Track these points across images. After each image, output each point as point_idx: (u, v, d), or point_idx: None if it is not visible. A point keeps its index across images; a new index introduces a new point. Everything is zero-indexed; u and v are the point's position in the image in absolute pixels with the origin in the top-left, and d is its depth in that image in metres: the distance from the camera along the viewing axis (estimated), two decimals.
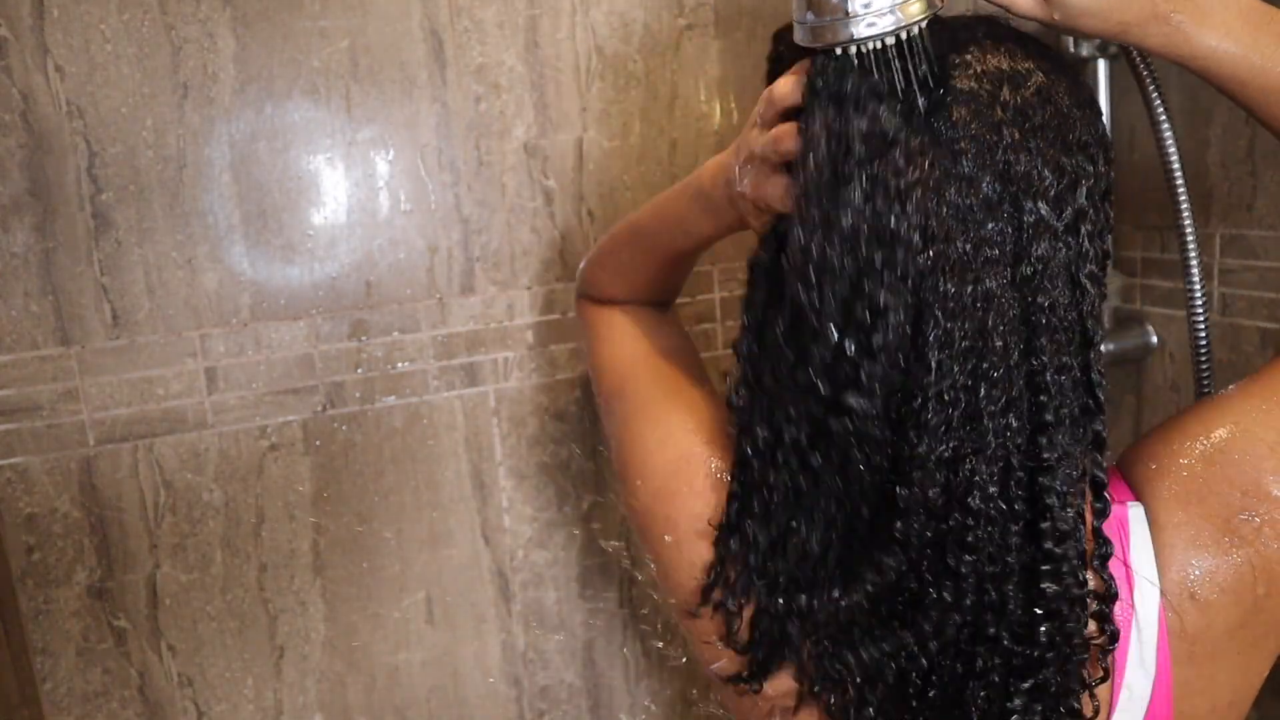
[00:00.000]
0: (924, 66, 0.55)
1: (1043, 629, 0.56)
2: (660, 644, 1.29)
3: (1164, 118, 0.84)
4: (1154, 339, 1.26)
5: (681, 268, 0.86)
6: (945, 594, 0.56)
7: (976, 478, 0.55)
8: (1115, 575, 0.58)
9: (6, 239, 1.00)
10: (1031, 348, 0.55)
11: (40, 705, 1.07)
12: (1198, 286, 0.86)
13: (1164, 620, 0.57)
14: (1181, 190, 0.85)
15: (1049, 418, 0.55)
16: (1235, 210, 1.13)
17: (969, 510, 0.55)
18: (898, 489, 0.56)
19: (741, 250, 0.67)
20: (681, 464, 0.69)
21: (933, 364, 0.54)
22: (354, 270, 1.11)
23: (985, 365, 0.54)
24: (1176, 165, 0.85)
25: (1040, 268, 0.55)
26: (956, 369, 0.54)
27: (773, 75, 0.68)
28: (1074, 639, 0.56)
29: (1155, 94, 0.84)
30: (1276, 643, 0.59)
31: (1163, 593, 0.57)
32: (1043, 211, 0.54)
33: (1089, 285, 0.57)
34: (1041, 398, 0.55)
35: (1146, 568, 0.57)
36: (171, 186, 1.04)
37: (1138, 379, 1.30)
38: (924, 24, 0.55)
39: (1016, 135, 0.54)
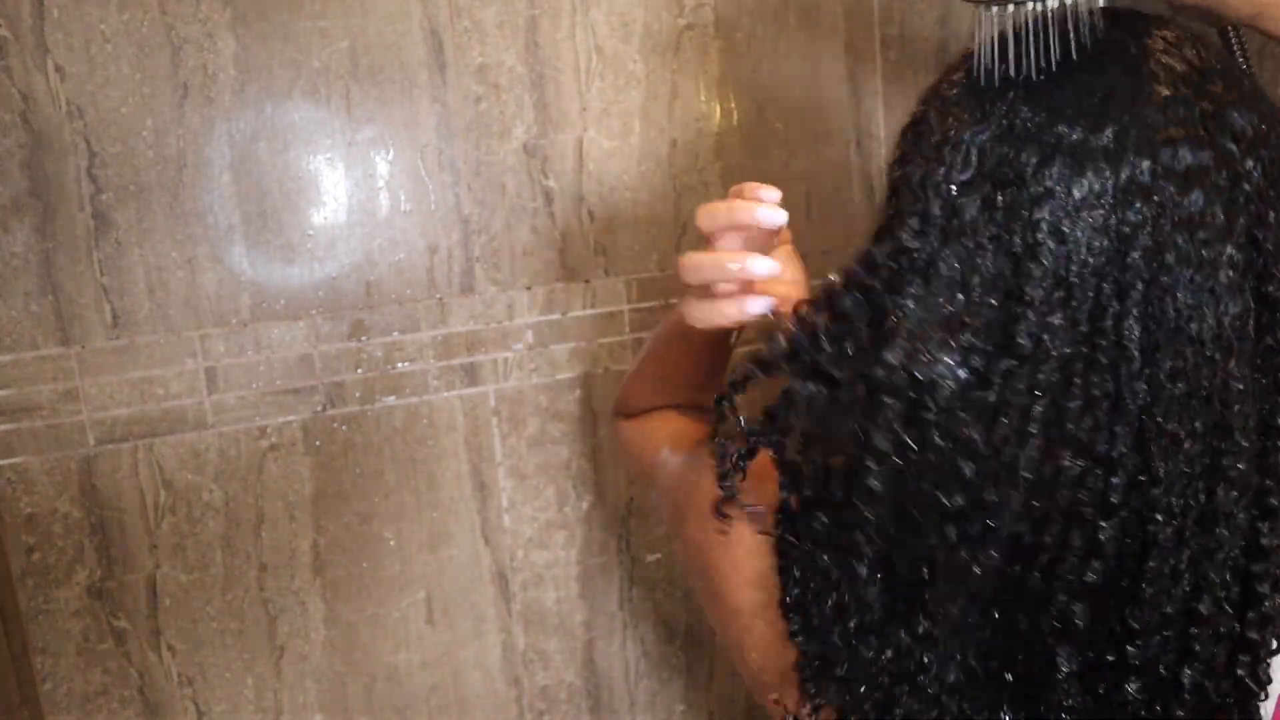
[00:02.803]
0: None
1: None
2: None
3: None
4: None
5: (713, 357, 0.79)
6: (1155, 704, 0.52)
7: (1207, 582, 0.51)
8: None
9: (6, 239, 1.00)
10: (1271, 427, 0.51)
11: (40, 705, 1.07)
12: None
13: None
14: None
15: (1274, 502, 0.51)
16: None
17: (1199, 619, 0.51)
18: (1128, 627, 0.51)
19: None
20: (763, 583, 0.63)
21: (1158, 469, 0.48)
22: (354, 270, 1.11)
23: (1225, 462, 0.49)
24: None
25: None
26: (1185, 471, 0.49)
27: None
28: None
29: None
30: None
31: None
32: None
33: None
34: (1268, 481, 0.51)
35: None
36: (171, 186, 1.04)
37: None
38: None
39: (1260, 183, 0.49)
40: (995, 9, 0.53)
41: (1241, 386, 0.49)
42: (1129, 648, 0.51)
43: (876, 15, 1.24)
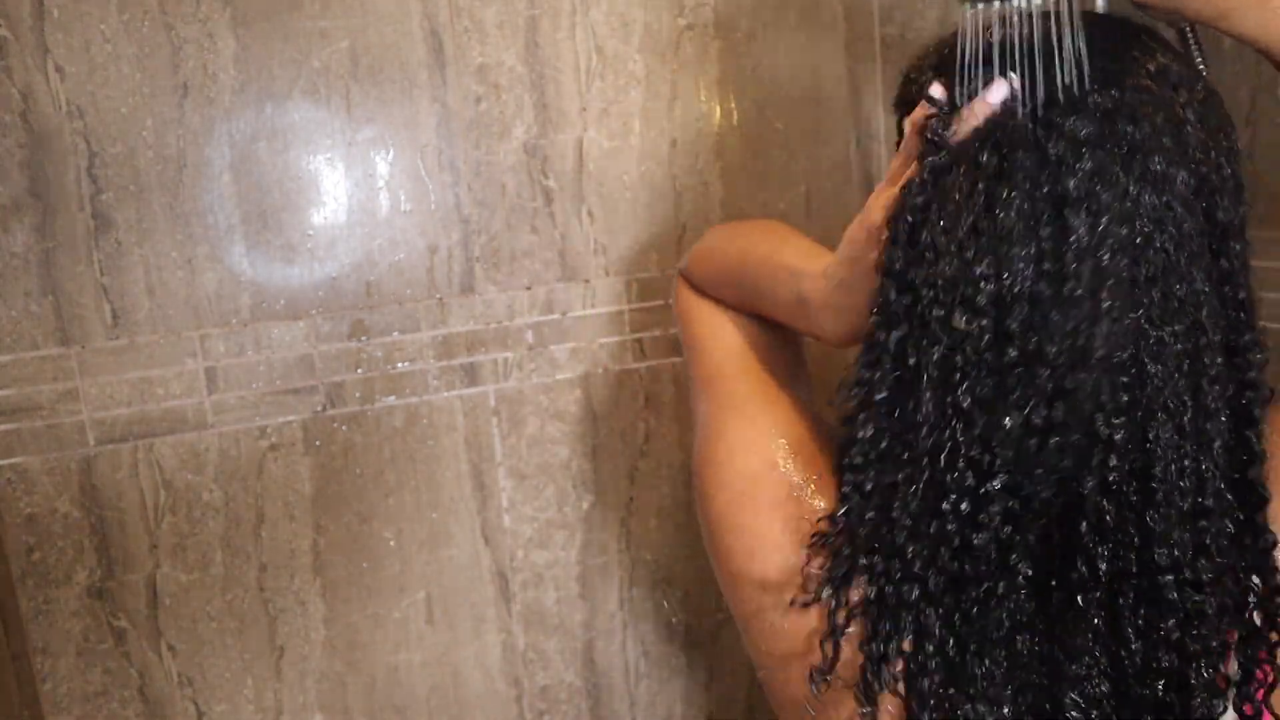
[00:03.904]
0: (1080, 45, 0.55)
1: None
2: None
3: None
4: None
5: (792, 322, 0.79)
6: (1186, 600, 0.56)
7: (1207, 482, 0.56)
8: None
9: (6, 239, 1.00)
10: (1239, 343, 0.57)
11: (40, 705, 1.07)
12: None
13: None
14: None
15: (1256, 412, 0.57)
16: None
17: (1208, 513, 0.56)
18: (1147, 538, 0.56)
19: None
20: (765, 471, 0.67)
21: (1154, 373, 0.54)
22: (354, 270, 1.11)
23: (1205, 362, 0.55)
24: None
25: (1237, 264, 0.57)
26: (1177, 376, 0.55)
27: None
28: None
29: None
30: None
31: None
32: (1233, 210, 0.56)
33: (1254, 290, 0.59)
34: (1248, 394, 0.57)
35: None
36: (171, 186, 1.04)
37: None
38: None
39: (1202, 135, 0.56)
40: (980, 5, 0.56)
41: (1206, 289, 0.55)
42: (1157, 550, 0.55)
43: (876, 15, 1.24)
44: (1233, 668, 0.58)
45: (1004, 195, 0.53)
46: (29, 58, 0.98)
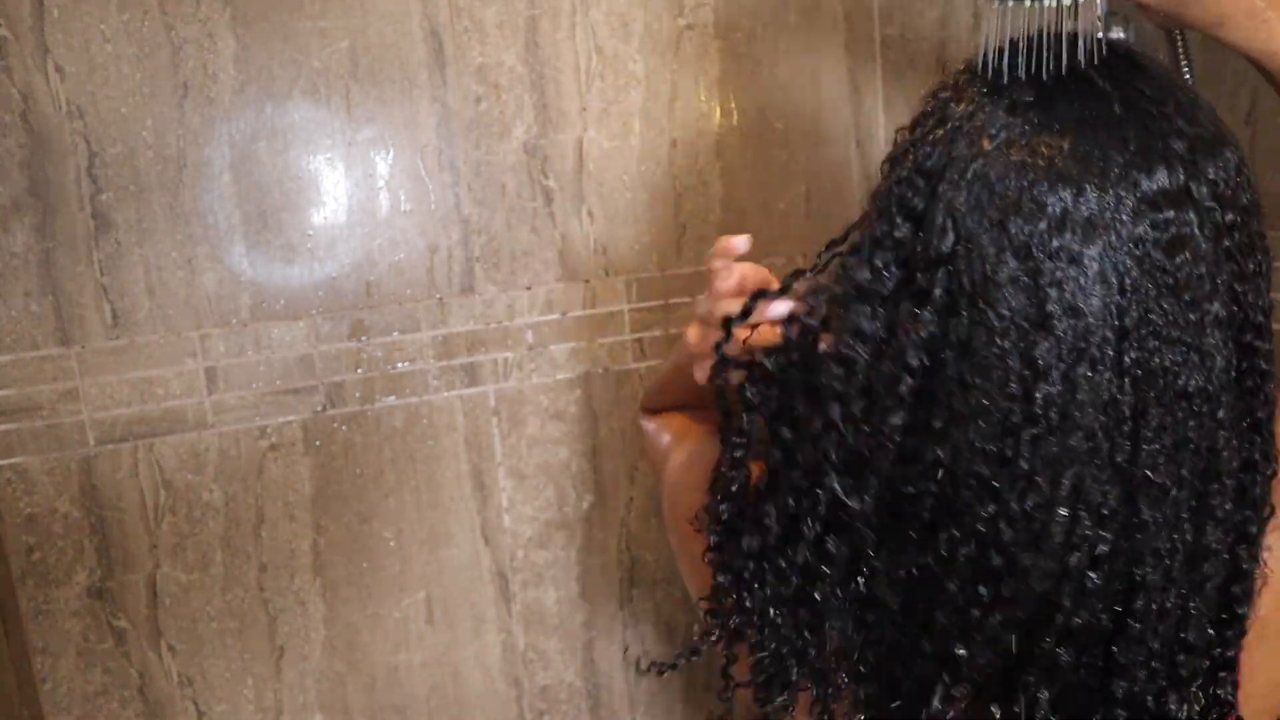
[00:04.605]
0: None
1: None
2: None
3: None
4: None
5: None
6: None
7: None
8: None
9: (6, 239, 1.00)
10: (1249, 461, 0.53)
11: (40, 705, 1.07)
12: None
13: None
14: None
15: (1253, 530, 0.54)
16: None
17: (1188, 648, 0.53)
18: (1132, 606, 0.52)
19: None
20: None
21: (1151, 463, 0.49)
22: (354, 270, 1.11)
23: (1213, 503, 0.51)
24: None
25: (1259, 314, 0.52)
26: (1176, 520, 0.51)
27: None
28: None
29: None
30: None
31: None
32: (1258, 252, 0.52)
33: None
34: (1247, 511, 0.53)
35: None
36: (171, 186, 1.04)
37: None
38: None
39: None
40: (1010, 2, 0.55)
41: (1227, 434, 0.50)
42: (1117, 681, 0.52)
43: (876, 15, 1.24)
44: None
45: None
46: (29, 58, 0.98)
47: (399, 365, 1.14)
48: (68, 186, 1.01)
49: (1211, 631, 0.53)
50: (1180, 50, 0.82)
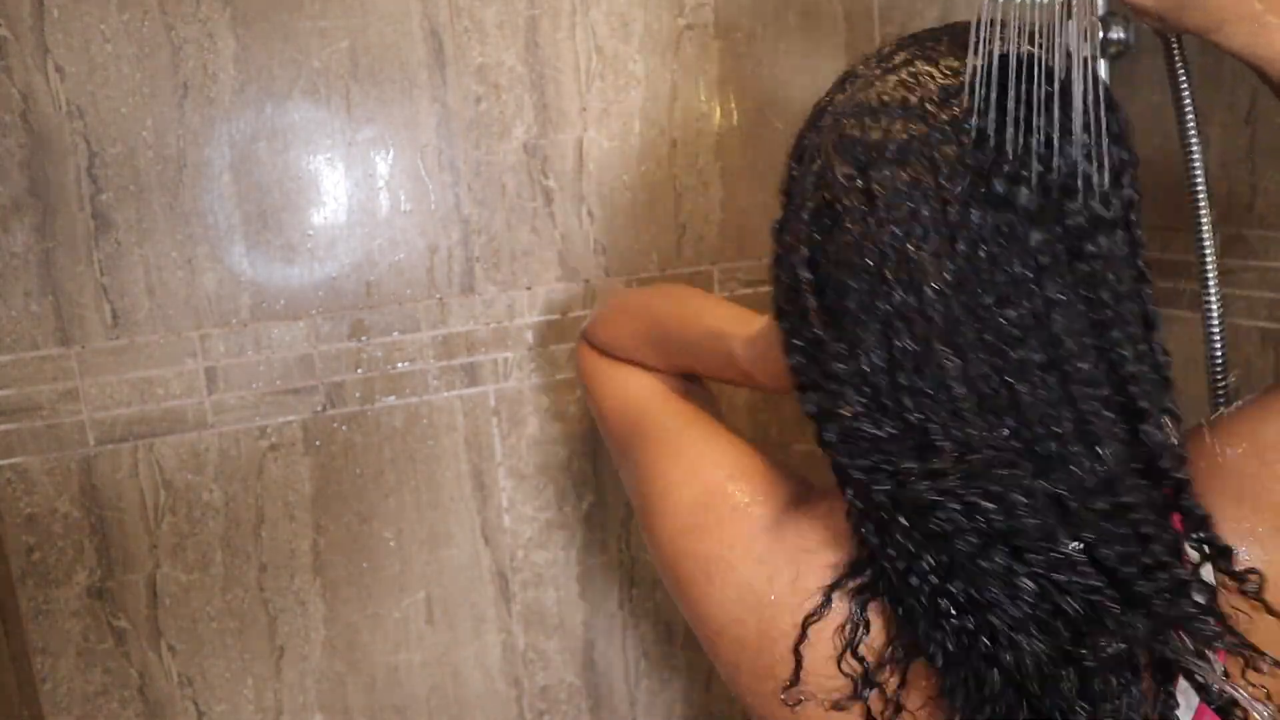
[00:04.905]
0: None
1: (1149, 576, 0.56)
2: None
3: (1192, 118, 0.84)
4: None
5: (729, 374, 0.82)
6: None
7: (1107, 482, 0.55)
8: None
9: (6, 239, 1.00)
10: (1107, 341, 0.56)
11: (40, 705, 1.07)
12: (1213, 293, 0.85)
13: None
14: (1202, 192, 0.84)
15: (1144, 405, 0.56)
16: (1235, 210, 1.13)
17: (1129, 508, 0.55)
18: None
19: (744, 248, 0.67)
20: (708, 498, 0.68)
21: (1022, 394, 0.54)
22: (354, 270, 1.11)
23: (1069, 370, 0.55)
24: (1199, 165, 0.85)
25: (1099, 264, 0.55)
26: (1044, 391, 0.54)
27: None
28: (1182, 587, 0.56)
29: (1187, 92, 0.84)
30: None
31: (1221, 588, 0.57)
32: (1094, 207, 0.55)
33: (1146, 271, 0.57)
34: (1131, 388, 0.56)
35: (1202, 566, 0.58)
36: (171, 186, 1.04)
37: None
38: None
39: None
40: None
41: (1064, 296, 0.54)
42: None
43: (876, 15, 1.24)
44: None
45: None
46: (29, 58, 0.98)
47: (399, 365, 1.14)
48: (68, 186, 1.01)
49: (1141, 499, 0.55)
50: (1177, 55, 0.81)
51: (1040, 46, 0.56)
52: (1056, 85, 0.55)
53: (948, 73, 0.57)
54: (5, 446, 1.02)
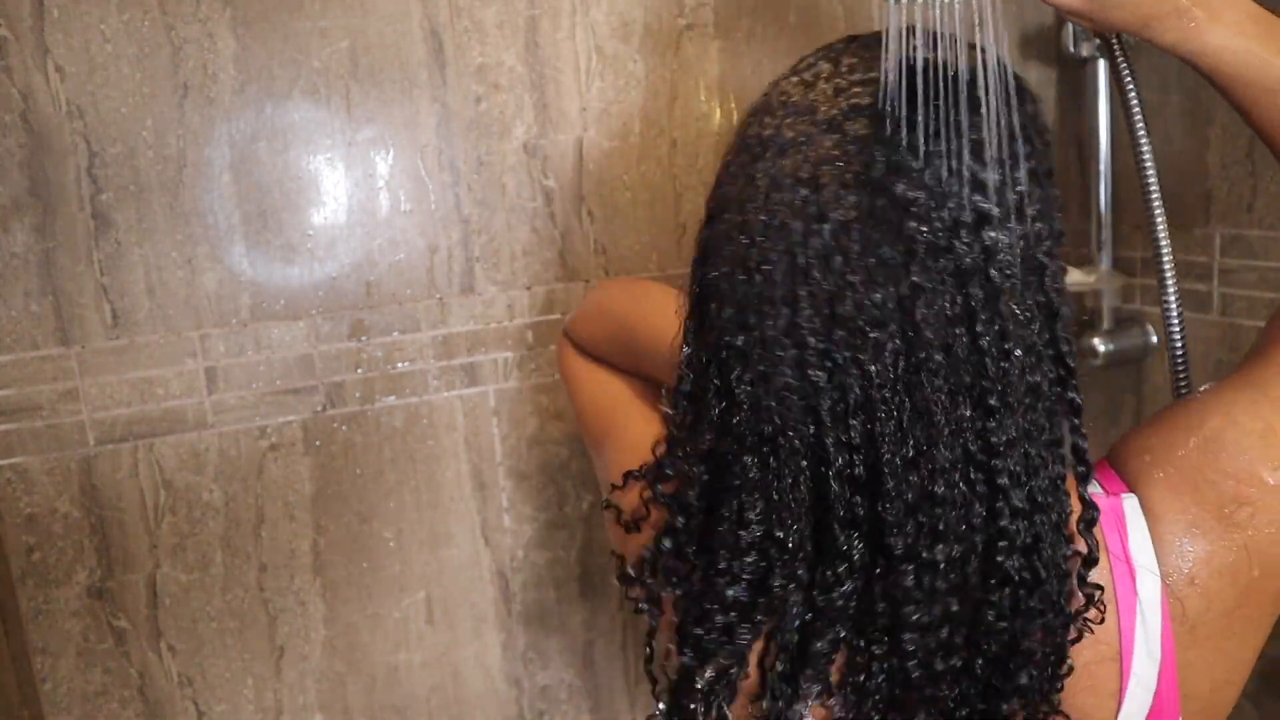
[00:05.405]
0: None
1: (1011, 600, 0.56)
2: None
3: (1140, 117, 0.85)
4: (1153, 339, 1.26)
5: None
6: (924, 584, 0.56)
7: (938, 471, 0.55)
8: (1114, 559, 0.58)
9: (6, 239, 1.00)
10: (974, 334, 0.55)
11: (40, 705, 1.07)
12: (1170, 287, 0.86)
13: (1166, 607, 0.58)
14: (1154, 187, 0.85)
15: (993, 402, 0.56)
16: (1235, 210, 1.13)
17: (937, 500, 0.56)
18: (884, 496, 0.56)
19: None
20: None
21: (872, 372, 0.55)
22: (354, 270, 1.11)
23: (923, 356, 0.55)
24: (1149, 163, 0.86)
25: (979, 257, 0.55)
26: (892, 374, 0.55)
27: None
28: (1058, 606, 0.57)
29: (1134, 93, 0.84)
30: (1268, 620, 0.61)
31: (1165, 580, 0.58)
32: (980, 205, 0.55)
33: (1047, 261, 0.57)
34: (984, 383, 0.56)
35: (1146, 557, 0.58)
36: (171, 186, 1.04)
37: (1137, 379, 1.30)
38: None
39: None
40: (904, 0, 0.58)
41: (931, 285, 0.55)
42: (888, 539, 0.56)
43: (877, 15, 1.24)
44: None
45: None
46: (29, 58, 0.98)
47: (399, 365, 1.14)
48: (68, 186, 1.01)
49: (976, 499, 0.56)
50: (1119, 54, 0.81)
51: (943, 46, 0.56)
52: (960, 81, 0.56)
53: (845, 69, 0.60)
54: (5, 446, 1.02)
